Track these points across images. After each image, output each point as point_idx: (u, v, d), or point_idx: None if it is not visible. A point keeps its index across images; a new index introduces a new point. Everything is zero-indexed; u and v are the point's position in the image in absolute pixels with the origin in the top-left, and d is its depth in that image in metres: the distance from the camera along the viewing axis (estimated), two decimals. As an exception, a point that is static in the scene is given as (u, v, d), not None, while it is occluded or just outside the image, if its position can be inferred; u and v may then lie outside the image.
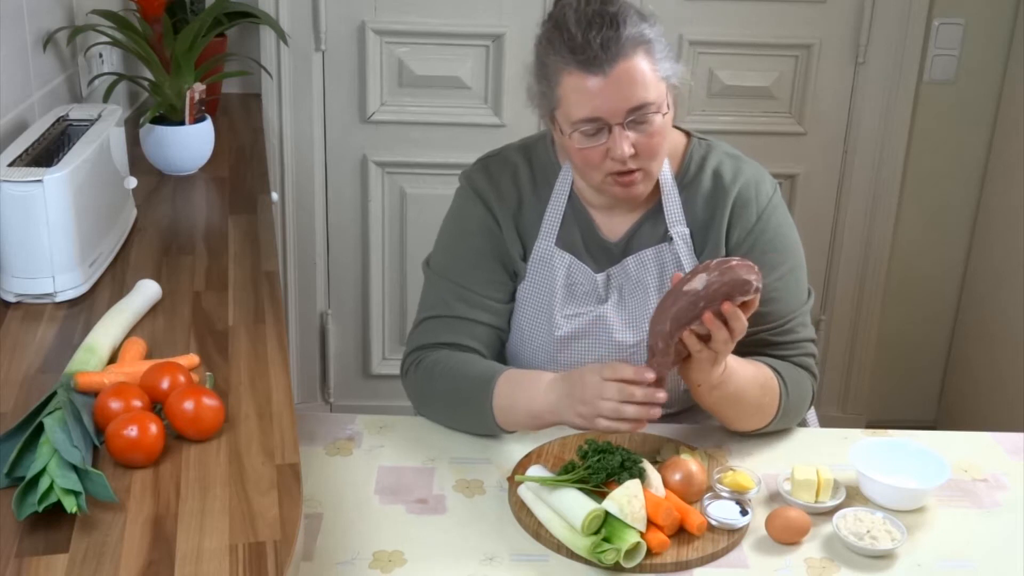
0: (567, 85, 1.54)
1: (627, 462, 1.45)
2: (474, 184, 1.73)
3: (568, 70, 1.54)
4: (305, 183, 2.97)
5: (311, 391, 3.20)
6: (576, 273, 1.69)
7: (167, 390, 1.28)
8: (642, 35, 1.54)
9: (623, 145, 1.54)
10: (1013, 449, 1.68)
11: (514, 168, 1.73)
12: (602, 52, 1.51)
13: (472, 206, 1.73)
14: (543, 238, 1.70)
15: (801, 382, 1.66)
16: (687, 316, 1.44)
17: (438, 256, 1.77)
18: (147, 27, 2.29)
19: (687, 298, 1.43)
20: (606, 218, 1.71)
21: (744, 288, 1.43)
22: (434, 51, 2.88)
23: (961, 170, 3.06)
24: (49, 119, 1.81)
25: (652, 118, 1.55)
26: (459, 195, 1.77)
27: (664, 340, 1.45)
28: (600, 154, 1.56)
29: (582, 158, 1.58)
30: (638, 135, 1.55)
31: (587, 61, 1.51)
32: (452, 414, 1.66)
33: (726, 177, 1.68)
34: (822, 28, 2.91)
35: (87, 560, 1.04)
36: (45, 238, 1.56)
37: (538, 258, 1.70)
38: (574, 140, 1.57)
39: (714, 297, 1.43)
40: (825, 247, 3.11)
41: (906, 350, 3.25)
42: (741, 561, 1.40)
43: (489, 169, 1.74)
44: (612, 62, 1.51)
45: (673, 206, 1.68)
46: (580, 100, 1.54)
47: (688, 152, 1.71)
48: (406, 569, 1.36)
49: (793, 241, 1.71)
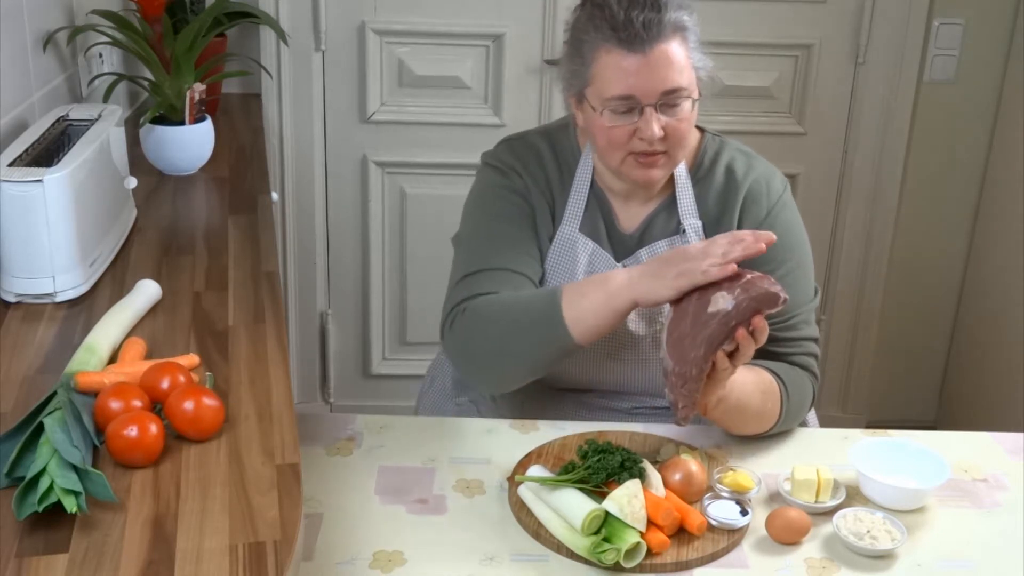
0: (604, 62, 1.56)
1: (627, 462, 1.45)
2: (501, 158, 1.74)
3: (607, 47, 1.55)
4: (305, 183, 2.97)
5: (311, 391, 3.20)
6: (598, 261, 1.70)
7: (167, 390, 1.28)
8: (681, 21, 1.56)
9: (653, 126, 1.55)
10: (1013, 449, 1.68)
11: (538, 151, 1.73)
12: (644, 31, 1.53)
13: (500, 176, 1.72)
14: (567, 223, 1.70)
15: (802, 384, 1.66)
16: (720, 337, 1.43)
17: (467, 224, 1.75)
18: (147, 27, 2.28)
19: (718, 320, 1.43)
20: (624, 207, 1.72)
21: (773, 301, 1.43)
22: (434, 51, 2.88)
23: (961, 170, 3.06)
24: (49, 119, 1.81)
25: (683, 103, 1.57)
26: (483, 171, 1.76)
27: (699, 366, 1.44)
28: (627, 133, 1.57)
29: (608, 137, 1.59)
30: (668, 118, 1.56)
31: (628, 39, 1.53)
32: (514, 345, 1.59)
33: (738, 173, 1.70)
34: (822, 28, 2.91)
35: (87, 560, 1.04)
36: (45, 238, 1.56)
37: (562, 242, 1.70)
38: (604, 117, 1.57)
39: (744, 315, 1.43)
40: (825, 247, 3.11)
41: (906, 350, 3.25)
42: (741, 561, 1.40)
43: (514, 148, 1.75)
44: (652, 43, 1.53)
45: (686, 199, 1.69)
46: (616, 77, 1.55)
47: (702, 147, 1.73)
48: (406, 569, 1.36)
49: (801, 239, 1.72)
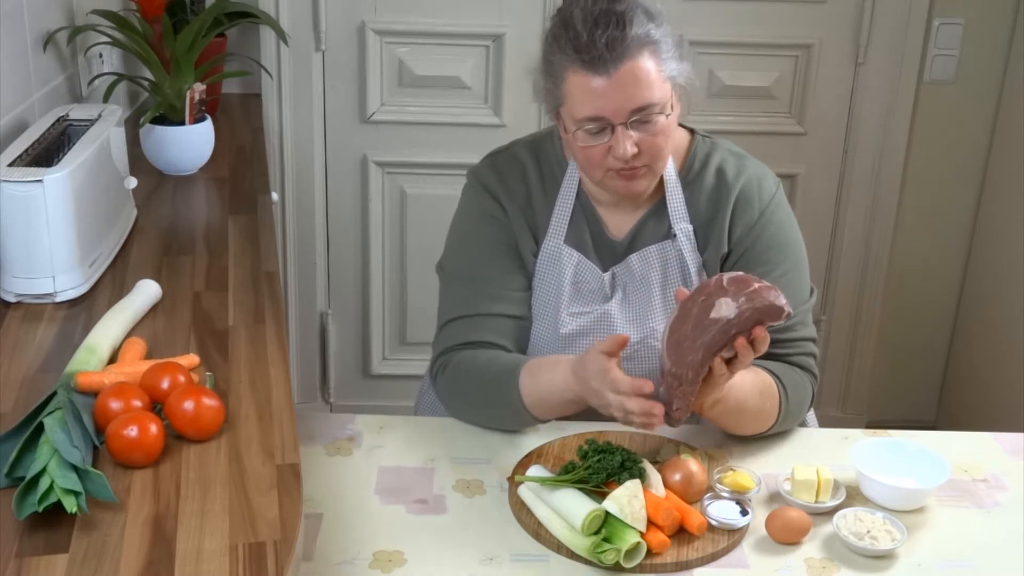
0: (571, 83, 1.54)
1: (627, 462, 1.45)
2: (483, 179, 1.74)
3: (573, 69, 1.54)
4: (305, 183, 2.96)
5: (311, 391, 3.20)
6: (584, 272, 1.69)
7: (167, 390, 1.28)
8: (648, 35, 1.54)
9: (626, 145, 1.54)
10: (1013, 449, 1.68)
11: (522, 165, 1.73)
12: (607, 52, 1.50)
13: (481, 199, 1.73)
14: (552, 236, 1.70)
15: (801, 384, 1.66)
16: (719, 344, 1.43)
17: (451, 256, 1.77)
18: (147, 27, 2.28)
19: (718, 327, 1.42)
20: (611, 215, 1.71)
21: (776, 314, 1.42)
22: (434, 51, 2.88)
23: (961, 170, 3.06)
24: (49, 119, 1.81)
25: (656, 118, 1.55)
26: (467, 191, 1.77)
27: (695, 370, 1.44)
28: (602, 152, 1.57)
29: (585, 156, 1.59)
30: (642, 134, 1.55)
31: (592, 61, 1.51)
32: (485, 414, 1.65)
33: (729, 174, 1.68)
34: (822, 28, 2.91)
35: (87, 560, 1.04)
36: (45, 238, 1.56)
37: (547, 255, 1.70)
38: (578, 138, 1.57)
39: (746, 324, 1.42)
40: (825, 247, 3.11)
41: (906, 350, 3.24)
42: (741, 561, 1.40)
43: (497, 166, 1.74)
44: (617, 62, 1.51)
45: (677, 203, 1.68)
46: (584, 99, 1.54)
47: (692, 149, 1.71)
48: (406, 569, 1.36)
49: (795, 239, 1.71)
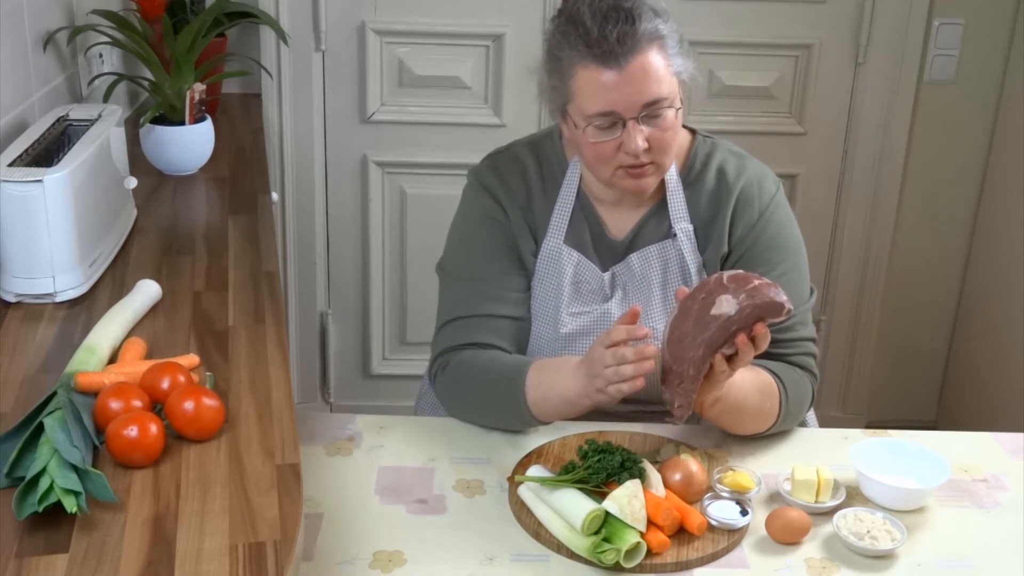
0: (582, 79, 1.55)
1: (627, 462, 1.45)
2: (483, 180, 1.74)
3: (583, 64, 1.54)
4: (305, 183, 2.96)
5: (311, 391, 3.20)
6: (583, 271, 1.70)
7: (167, 390, 1.28)
8: (656, 30, 1.55)
9: (637, 139, 1.55)
10: (1013, 449, 1.68)
11: (523, 165, 1.73)
12: (618, 46, 1.52)
13: (481, 200, 1.73)
14: (552, 236, 1.70)
15: (801, 384, 1.66)
16: (720, 341, 1.44)
17: (451, 256, 1.77)
18: (147, 27, 2.28)
19: (719, 323, 1.43)
20: (612, 214, 1.71)
21: (777, 311, 1.44)
22: (434, 51, 2.88)
23: (961, 170, 3.06)
24: (49, 119, 1.81)
25: (665, 113, 1.56)
26: (468, 191, 1.77)
27: (696, 367, 1.46)
28: (613, 148, 1.57)
29: (595, 152, 1.59)
30: (651, 129, 1.56)
31: (603, 55, 1.52)
32: (486, 414, 1.65)
33: (730, 174, 1.69)
34: (822, 28, 2.91)
35: (87, 560, 1.04)
36: (45, 238, 1.56)
37: (547, 255, 1.70)
38: (588, 134, 1.57)
39: (746, 321, 1.44)
40: (825, 247, 3.11)
41: (906, 350, 3.24)
42: (741, 561, 1.40)
43: (497, 166, 1.75)
44: (628, 56, 1.52)
45: (677, 202, 1.69)
46: (595, 94, 1.54)
47: (693, 149, 1.72)
48: (406, 569, 1.36)
49: (795, 239, 1.71)
